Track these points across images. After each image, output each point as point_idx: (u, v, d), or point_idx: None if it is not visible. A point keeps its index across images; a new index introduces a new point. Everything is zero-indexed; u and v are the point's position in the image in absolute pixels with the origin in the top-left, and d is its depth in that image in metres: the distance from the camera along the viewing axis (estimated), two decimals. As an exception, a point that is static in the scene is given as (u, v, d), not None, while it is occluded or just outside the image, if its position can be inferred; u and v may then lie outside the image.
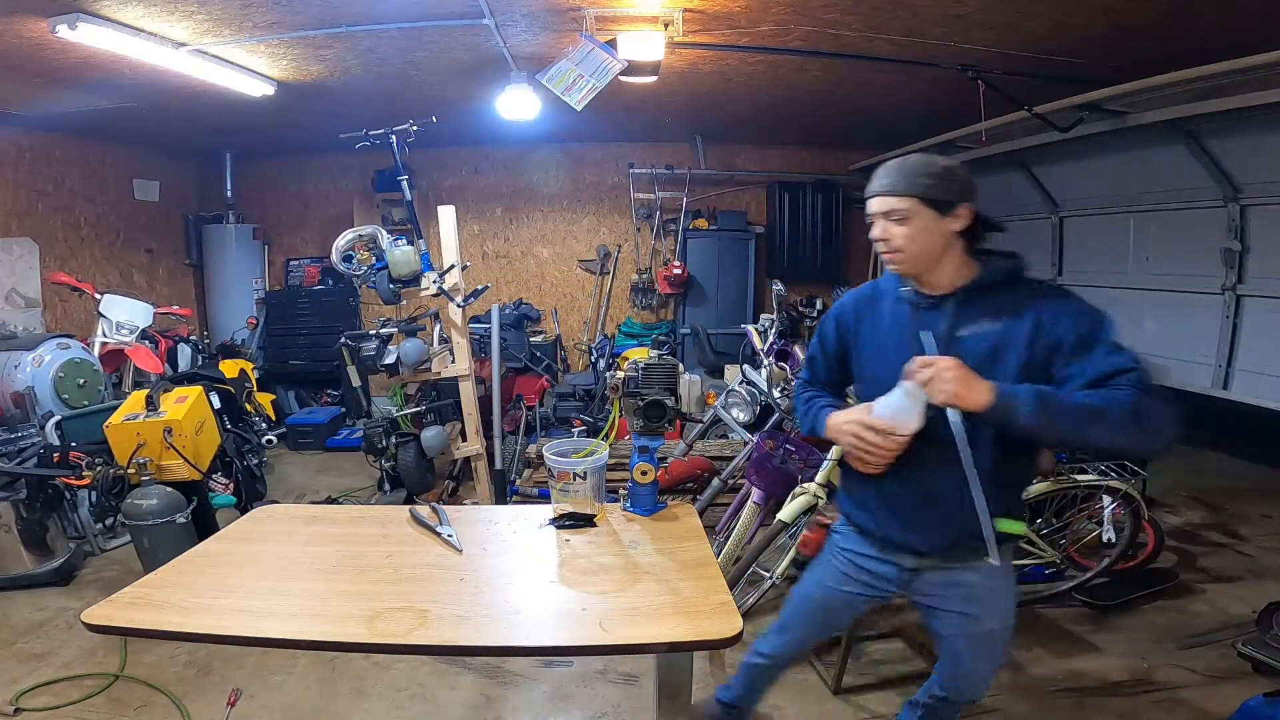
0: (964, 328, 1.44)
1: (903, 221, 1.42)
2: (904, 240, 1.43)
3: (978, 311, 1.44)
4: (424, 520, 1.54)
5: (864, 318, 1.61)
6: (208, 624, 1.12)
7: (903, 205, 1.42)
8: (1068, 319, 1.40)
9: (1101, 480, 2.76)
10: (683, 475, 3.73)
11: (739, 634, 1.11)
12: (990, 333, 1.43)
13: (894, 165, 1.46)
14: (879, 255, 1.54)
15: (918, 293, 1.51)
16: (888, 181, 1.44)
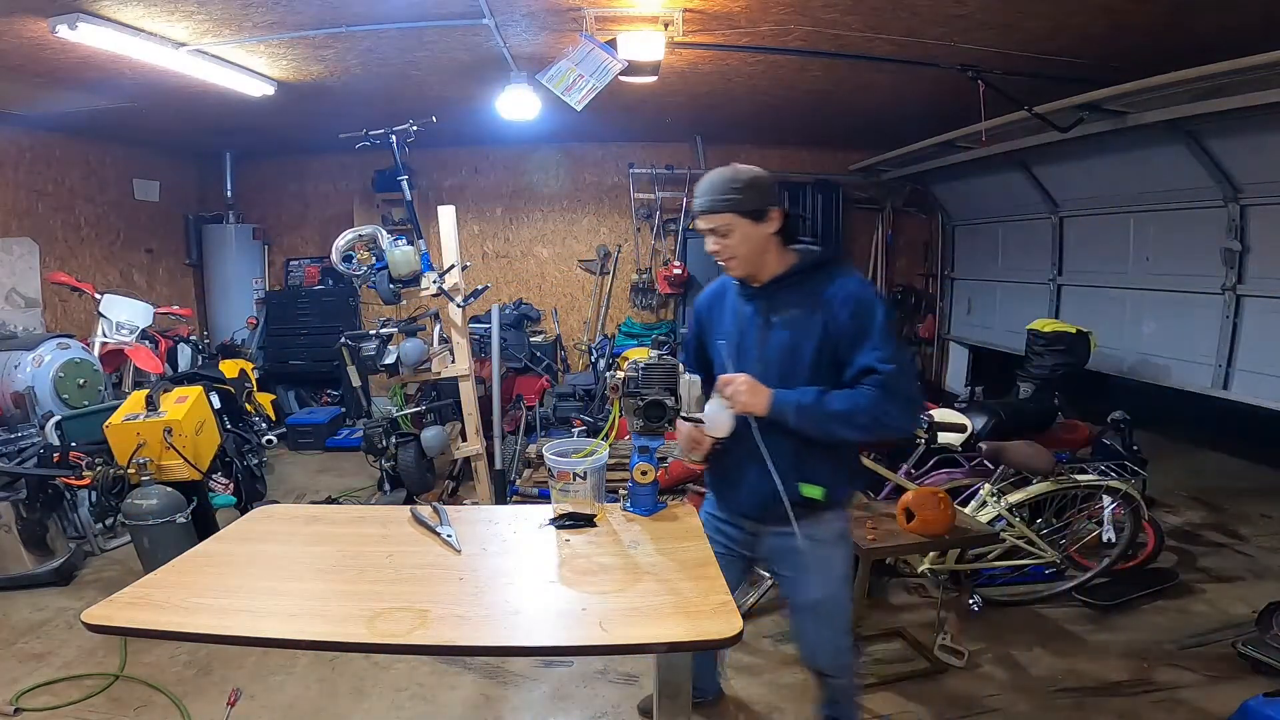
0: (776, 314, 1.70)
1: (727, 234, 1.64)
2: (733, 249, 1.65)
3: (788, 299, 1.69)
4: (425, 520, 1.54)
5: (715, 310, 1.83)
6: (208, 624, 1.12)
7: (724, 220, 1.63)
8: (848, 311, 1.63)
9: (1101, 480, 2.76)
10: (683, 475, 3.73)
11: (739, 634, 1.11)
12: (794, 319, 1.68)
13: (707, 185, 1.66)
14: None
15: (747, 285, 1.75)
16: (706, 201, 1.65)
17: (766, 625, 2.78)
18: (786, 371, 1.66)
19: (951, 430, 2.66)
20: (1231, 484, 4.35)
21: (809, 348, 1.65)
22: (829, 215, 6.40)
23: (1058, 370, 4.13)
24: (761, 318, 1.70)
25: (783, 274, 1.69)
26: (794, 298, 1.68)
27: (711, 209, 1.64)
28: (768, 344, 1.68)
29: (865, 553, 2.23)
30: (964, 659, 2.50)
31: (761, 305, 1.71)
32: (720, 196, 1.63)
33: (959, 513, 2.38)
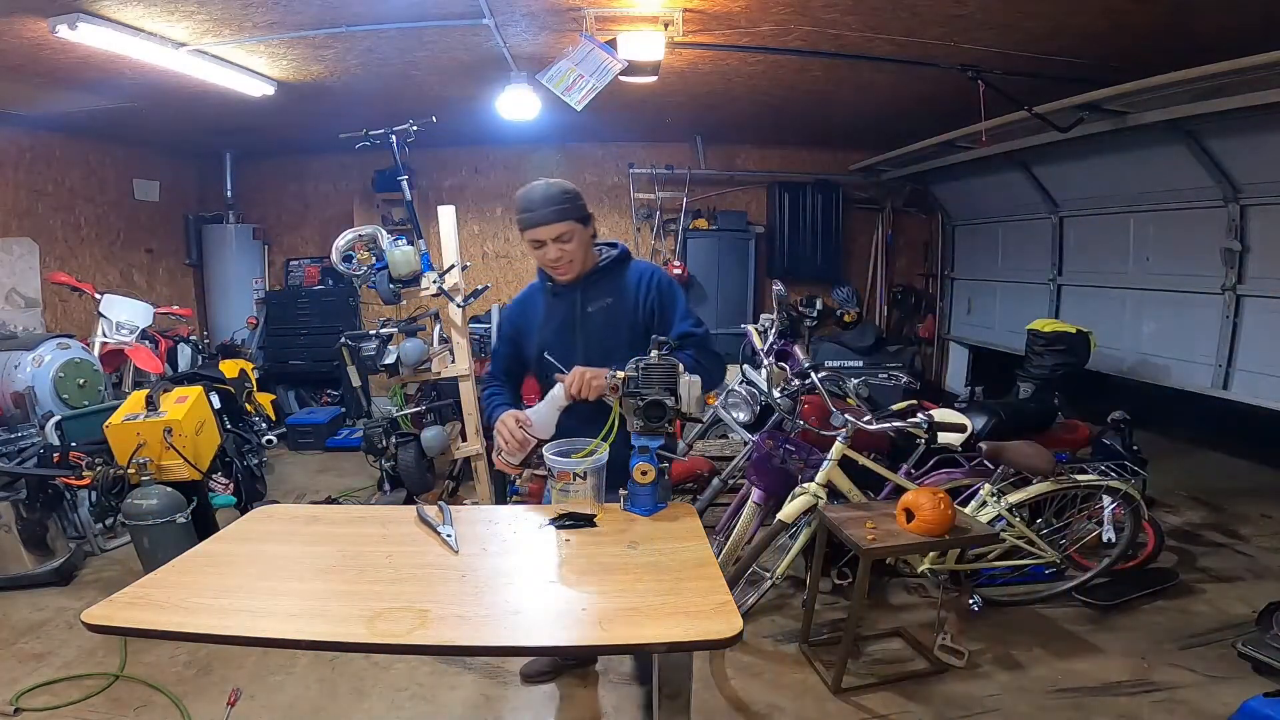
0: (592, 304, 1.89)
1: (569, 241, 1.81)
2: (574, 254, 1.83)
3: (600, 289, 1.90)
4: (428, 519, 1.54)
5: (526, 319, 1.99)
6: (208, 624, 1.12)
7: (567, 229, 1.80)
8: (655, 291, 1.89)
9: (1101, 480, 2.76)
10: (683, 475, 3.73)
11: (739, 634, 1.11)
12: (607, 306, 1.89)
13: (543, 198, 1.80)
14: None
15: (560, 285, 1.91)
16: (551, 211, 1.79)
17: (766, 625, 2.78)
18: (609, 348, 1.81)
19: (951, 430, 2.66)
20: (1231, 484, 4.35)
21: (625, 325, 1.87)
22: (829, 215, 6.40)
23: (1058, 370, 4.12)
24: (578, 309, 1.89)
25: (593, 269, 1.90)
26: (606, 287, 1.89)
27: (559, 218, 1.79)
28: (588, 329, 1.87)
29: (865, 553, 2.23)
30: (964, 659, 2.50)
31: (577, 299, 1.89)
32: (560, 206, 1.79)
33: (959, 513, 2.38)
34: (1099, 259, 4.80)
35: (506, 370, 2.03)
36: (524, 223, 1.82)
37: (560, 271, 1.86)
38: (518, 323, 2.01)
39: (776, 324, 3.01)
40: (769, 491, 2.74)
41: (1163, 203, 4.23)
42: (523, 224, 1.82)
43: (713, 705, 2.32)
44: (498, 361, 2.06)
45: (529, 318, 1.98)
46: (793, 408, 2.84)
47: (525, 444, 1.74)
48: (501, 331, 2.08)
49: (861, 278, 6.88)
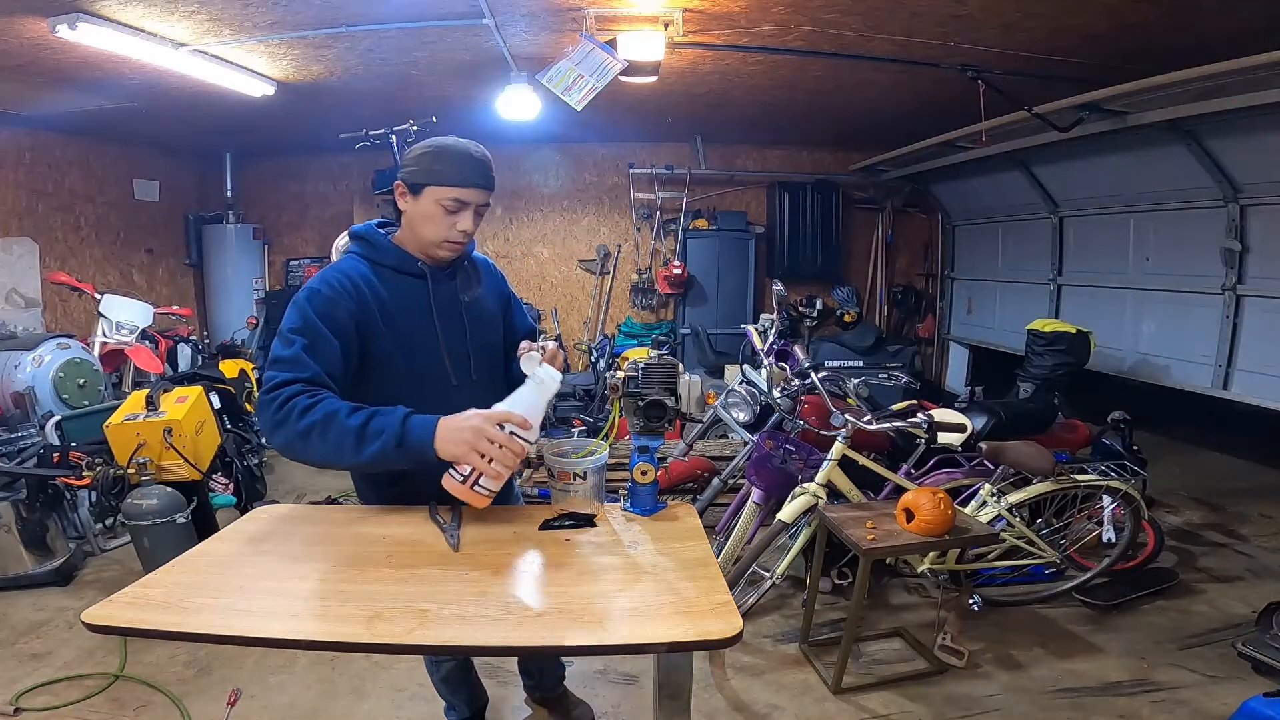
0: (467, 293, 1.64)
1: (481, 212, 1.52)
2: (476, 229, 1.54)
3: (469, 279, 1.66)
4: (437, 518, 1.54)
5: (381, 297, 1.50)
6: (208, 624, 1.12)
7: (488, 200, 1.52)
8: (503, 281, 1.78)
9: (1101, 480, 2.76)
10: (683, 475, 3.73)
11: (739, 634, 1.11)
12: (481, 296, 1.67)
13: (481, 156, 1.50)
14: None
15: (432, 267, 1.57)
16: (487, 176, 1.50)
17: (766, 625, 2.78)
18: (489, 342, 1.67)
19: (951, 430, 2.66)
20: (1231, 484, 4.35)
21: (499, 314, 1.72)
22: (829, 215, 6.40)
23: (1058, 370, 4.12)
24: (455, 299, 1.60)
25: (464, 257, 1.65)
26: (472, 276, 1.67)
27: (490, 185, 1.51)
28: (472, 321, 1.60)
29: (865, 553, 2.23)
30: (964, 659, 2.50)
31: (451, 288, 1.60)
32: (490, 174, 1.51)
33: (959, 513, 2.38)
34: (1099, 259, 4.81)
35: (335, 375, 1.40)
36: (449, 178, 1.45)
37: (456, 249, 1.53)
38: (364, 306, 1.46)
39: (776, 324, 3.01)
40: (769, 491, 2.74)
41: (1163, 203, 4.23)
42: (446, 179, 1.45)
43: (713, 705, 2.32)
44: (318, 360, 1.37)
45: (384, 301, 1.50)
46: (793, 408, 2.84)
47: (520, 455, 1.31)
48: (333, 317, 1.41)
49: (861, 278, 6.88)
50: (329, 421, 1.29)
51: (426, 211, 1.48)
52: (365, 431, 1.29)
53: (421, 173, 1.46)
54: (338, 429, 1.29)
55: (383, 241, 1.55)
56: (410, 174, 1.47)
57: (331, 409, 1.30)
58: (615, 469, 3.46)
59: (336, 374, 1.40)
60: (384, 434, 1.29)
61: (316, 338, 1.39)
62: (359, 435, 1.29)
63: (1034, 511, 2.82)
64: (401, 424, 1.29)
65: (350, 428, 1.28)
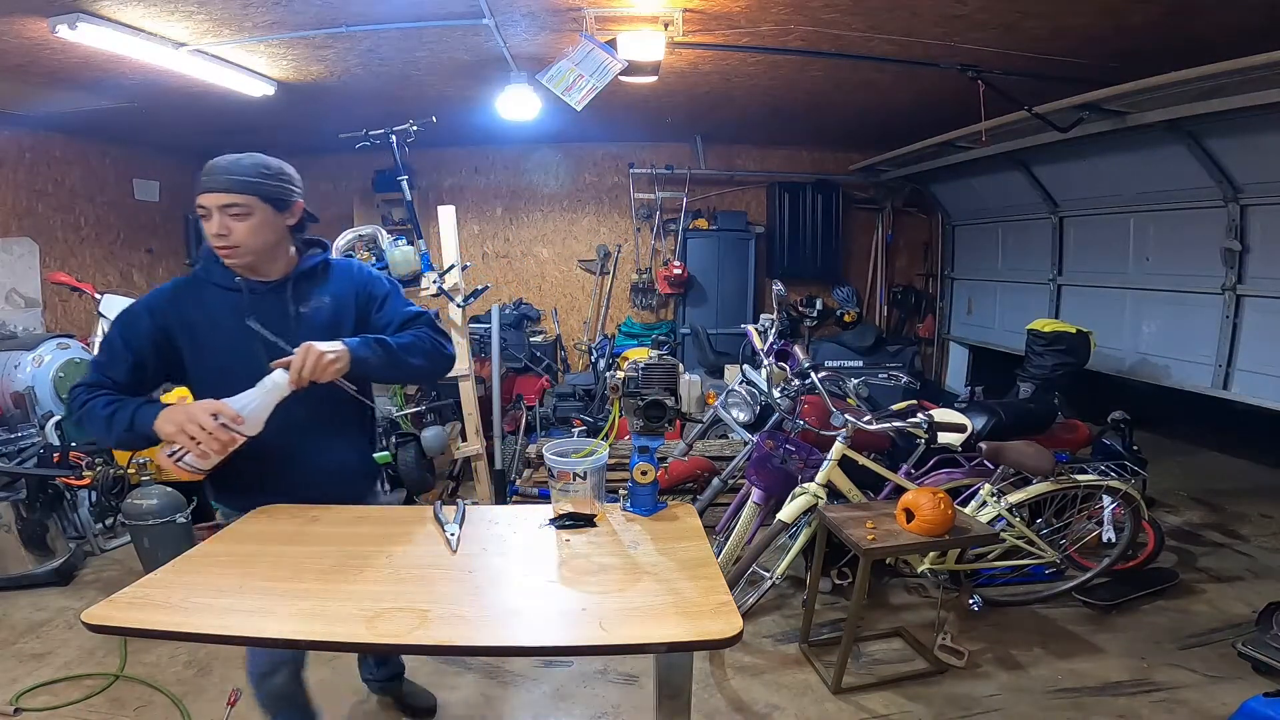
0: (304, 306, 1.67)
1: (241, 217, 1.53)
2: (243, 237, 1.55)
3: (311, 290, 1.69)
4: (440, 518, 1.54)
5: (191, 313, 1.61)
6: (208, 624, 1.12)
7: (243, 201, 1.53)
8: (374, 284, 1.77)
9: (1101, 480, 2.76)
10: (683, 475, 3.73)
11: (739, 634, 1.11)
12: (326, 306, 1.69)
13: (231, 162, 1.55)
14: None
15: (251, 281, 1.63)
16: (227, 179, 1.53)
17: (766, 625, 2.78)
18: None
19: (951, 430, 2.66)
20: (1231, 484, 4.35)
21: (349, 322, 1.71)
22: (829, 215, 6.40)
23: (1058, 370, 4.13)
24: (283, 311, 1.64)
25: (303, 269, 1.68)
26: (318, 288, 1.70)
27: (235, 188, 1.52)
28: (308, 330, 1.59)
29: (865, 553, 2.23)
30: (964, 659, 2.50)
31: (278, 301, 1.64)
32: (243, 176, 1.54)
33: (959, 513, 2.38)
34: (1099, 259, 4.80)
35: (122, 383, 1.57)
36: (197, 186, 1.54)
37: (225, 253, 1.55)
38: (171, 326, 1.59)
39: (776, 324, 3.01)
40: (769, 491, 2.74)
41: (1163, 203, 4.23)
42: (196, 188, 1.55)
43: (713, 705, 2.32)
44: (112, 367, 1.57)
45: (194, 317, 1.60)
46: (793, 408, 2.85)
47: (230, 443, 1.43)
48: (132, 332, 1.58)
49: (861, 278, 6.88)
50: (90, 413, 1.53)
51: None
52: (112, 420, 1.50)
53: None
54: (95, 417, 1.52)
55: (210, 257, 1.62)
56: None
57: (94, 404, 1.53)
58: (615, 469, 3.46)
59: (122, 381, 1.57)
60: (120, 419, 1.50)
61: (111, 351, 1.59)
62: (108, 422, 1.51)
63: (1034, 511, 2.82)
64: (132, 412, 1.50)
65: (101, 417, 1.51)
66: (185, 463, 1.44)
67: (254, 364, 1.51)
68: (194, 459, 1.43)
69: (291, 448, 1.64)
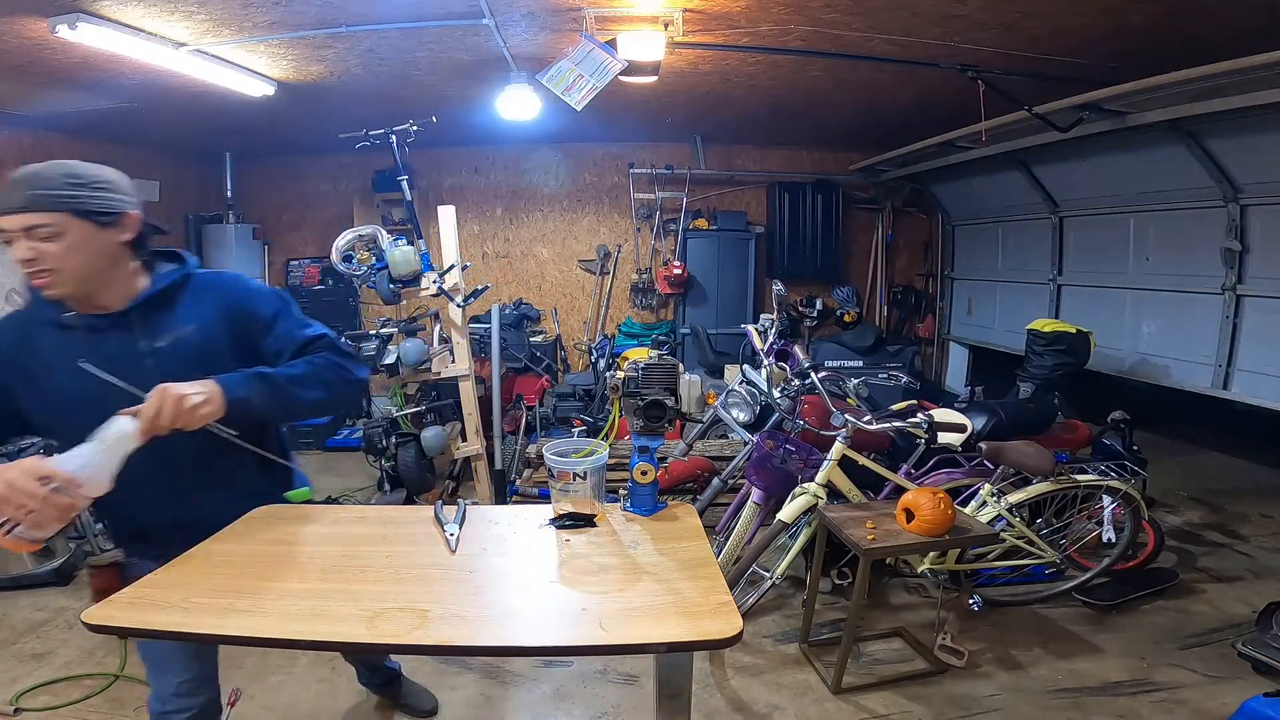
0: (159, 339, 1.39)
1: (53, 239, 1.26)
2: (58, 260, 1.27)
3: (167, 318, 1.40)
4: (440, 517, 1.54)
5: (20, 358, 1.35)
6: (208, 624, 1.12)
7: (50, 220, 1.25)
8: (255, 302, 1.49)
9: (1101, 480, 2.76)
10: (683, 475, 3.73)
11: (739, 634, 1.11)
12: (188, 336, 1.40)
13: (32, 174, 1.28)
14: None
15: (87, 315, 1.35)
16: (28, 195, 1.25)
17: (766, 625, 2.78)
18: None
19: (951, 430, 2.66)
20: (1231, 484, 4.35)
21: (225, 354, 1.43)
22: (829, 215, 6.40)
23: (1058, 370, 4.13)
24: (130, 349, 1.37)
25: (152, 292, 1.40)
26: (178, 314, 1.41)
27: (32, 205, 1.25)
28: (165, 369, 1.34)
29: (865, 553, 2.23)
30: (964, 659, 2.50)
31: (124, 337, 1.37)
32: (48, 191, 1.26)
33: (959, 513, 2.38)
34: (1099, 259, 4.80)
35: None
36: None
37: (40, 283, 1.29)
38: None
39: (776, 324, 3.01)
40: (769, 491, 2.74)
41: (1163, 203, 4.23)
42: None
43: (713, 705, 2.32)
44: None
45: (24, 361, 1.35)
46: (793, 408, 2.85)
47: (70, 509, 1.20)
48: None
49: (861, 278, 6.88)
50: None
51: None
52: None
53: None
54: None
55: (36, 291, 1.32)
56: None
57: None
58: (615, 469, 3.46)
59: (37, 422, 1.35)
60: None
61: None
62: None
63: (1034, 511, 2.82)
64: None
65: None
66: (18, 535, 1.16)
67: (105, 414, 1.25)
68: (28, 529, 1.17)
69: (181, 499, 1.45)
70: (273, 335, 1.49)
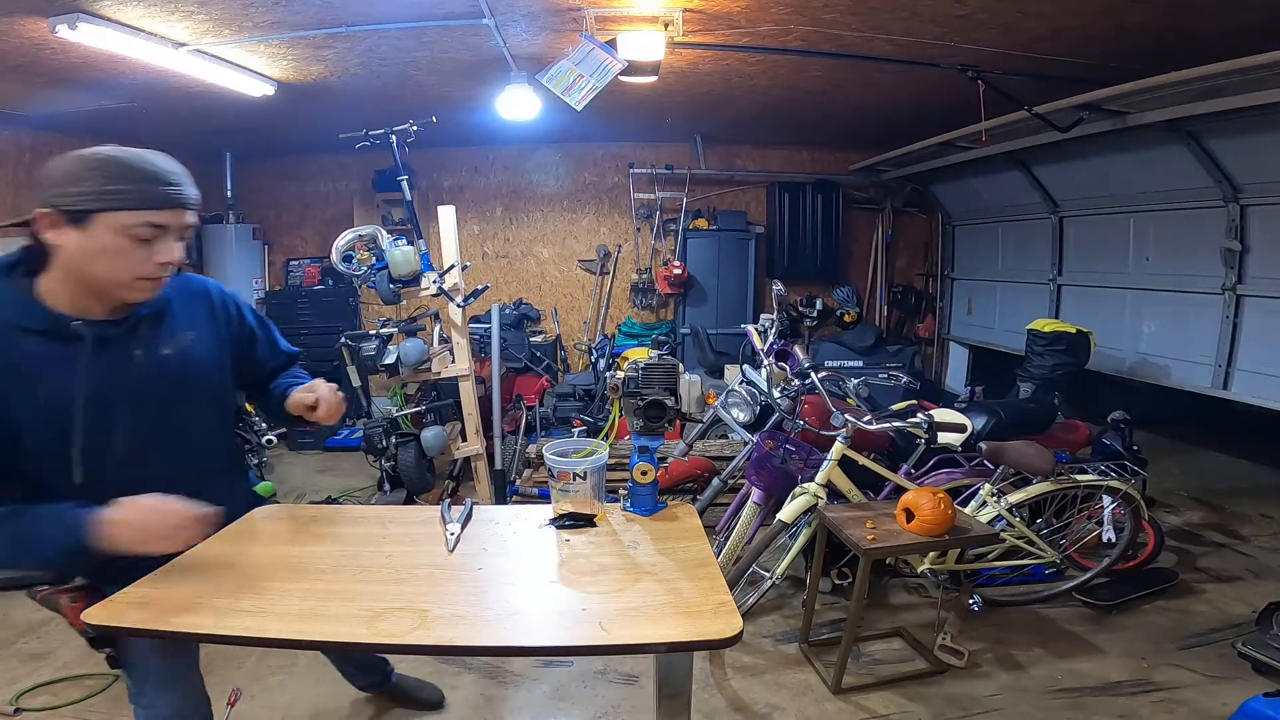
0: (166, 345, 1.31)
1: (185, 238, 1.22)
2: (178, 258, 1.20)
3: (172, 323, 1.33)
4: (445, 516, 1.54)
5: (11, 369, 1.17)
6: (208, 624, 1.12)
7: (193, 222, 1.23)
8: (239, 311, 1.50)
9: (1101, 480, 2.76)
10: (683, 475, 3.73)
11: (739, 634, 1.11)
12: (195, 342, 1.36)
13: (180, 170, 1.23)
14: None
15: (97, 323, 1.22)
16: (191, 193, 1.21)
17: (766, 625, 2.78)
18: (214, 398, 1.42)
19: (951, 430, 2.66)
20: (1231, 484, 4.35)
21: (227, 364, 1.43)
22: (829, 215, 6.40)
23: (1058, 370, 4.13)
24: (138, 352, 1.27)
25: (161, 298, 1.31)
26: (181, 318, 1.35)
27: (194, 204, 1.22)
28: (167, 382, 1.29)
29: (865, 553, 2.23)
30: (964, 659, 2.50)
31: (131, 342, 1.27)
32: (191, 186, 1.22)
33: (959, 513, 2.38)
34: (1099, 259, 4.81)
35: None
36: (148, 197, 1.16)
37: (154, 286, 1.23)
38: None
39: (776, 324, 3.01)
40: (769, 491, 2.74)
41: (1163, 203, 4.23)
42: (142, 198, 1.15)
43: (713, 705, 2.32)
44: None
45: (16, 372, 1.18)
46: (793, 408, 2.85)
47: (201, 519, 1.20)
48: None
49: (861, 278, 6.88)
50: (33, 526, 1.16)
51: (104, 245, 1.15)
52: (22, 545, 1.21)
53: (89, 195, 1.15)
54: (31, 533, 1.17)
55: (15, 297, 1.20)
56: (68, 198, 1.16)
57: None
58: (615, 469, 3.46)
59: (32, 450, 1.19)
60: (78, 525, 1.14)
61: None
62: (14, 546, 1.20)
63: (1034, 511, 2.82)
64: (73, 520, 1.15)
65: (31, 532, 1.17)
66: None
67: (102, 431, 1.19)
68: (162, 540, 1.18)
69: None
70: (259, 342, 1.55)
